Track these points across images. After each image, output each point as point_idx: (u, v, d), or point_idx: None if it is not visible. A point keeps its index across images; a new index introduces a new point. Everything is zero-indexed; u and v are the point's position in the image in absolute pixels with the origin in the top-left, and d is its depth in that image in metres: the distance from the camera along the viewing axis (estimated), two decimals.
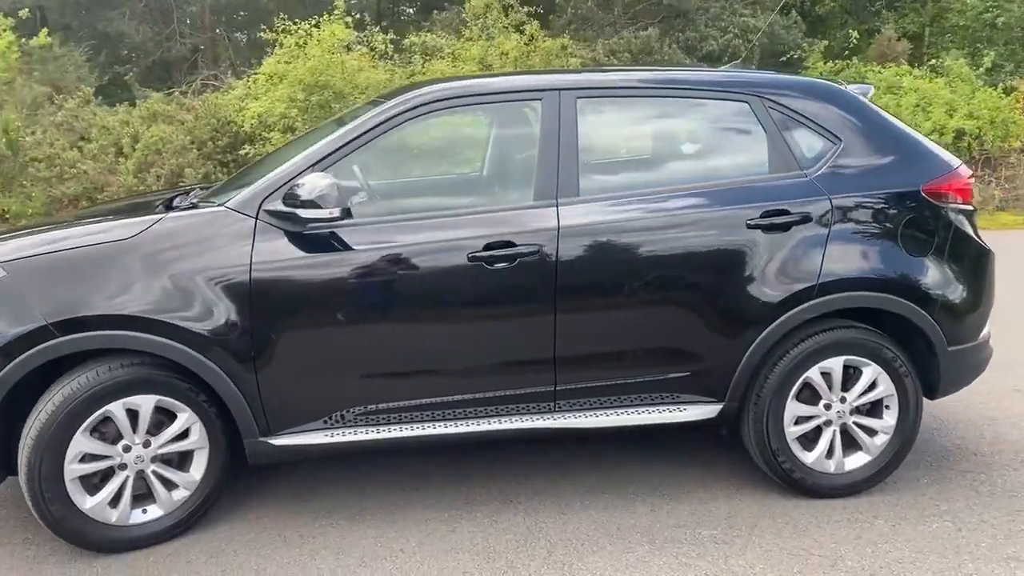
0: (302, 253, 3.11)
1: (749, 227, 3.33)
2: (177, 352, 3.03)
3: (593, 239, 3.26)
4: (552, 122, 3.31)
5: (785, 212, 3.37)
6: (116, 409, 3.06)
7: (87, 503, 3.07)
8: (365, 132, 3.23)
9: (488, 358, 3.29)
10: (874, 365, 3.46)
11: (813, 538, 3.23)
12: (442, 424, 3.29)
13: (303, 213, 3.03)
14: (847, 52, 16.10)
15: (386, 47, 12.81)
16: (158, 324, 3.01)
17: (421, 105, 3.28)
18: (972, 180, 3.68)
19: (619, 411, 3.39)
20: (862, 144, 3.51)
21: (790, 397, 3.43)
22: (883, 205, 3.46)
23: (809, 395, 3.48)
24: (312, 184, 3.02)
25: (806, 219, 3.37)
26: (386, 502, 3.53)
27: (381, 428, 3.26)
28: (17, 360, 2.96)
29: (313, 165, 3.17)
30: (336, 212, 3.02)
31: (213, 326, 3.05)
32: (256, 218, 3.12)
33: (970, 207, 3.64)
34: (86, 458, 3.06)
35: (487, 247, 3.17)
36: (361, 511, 3.46)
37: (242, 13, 27.24)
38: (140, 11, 23.32)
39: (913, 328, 3.48)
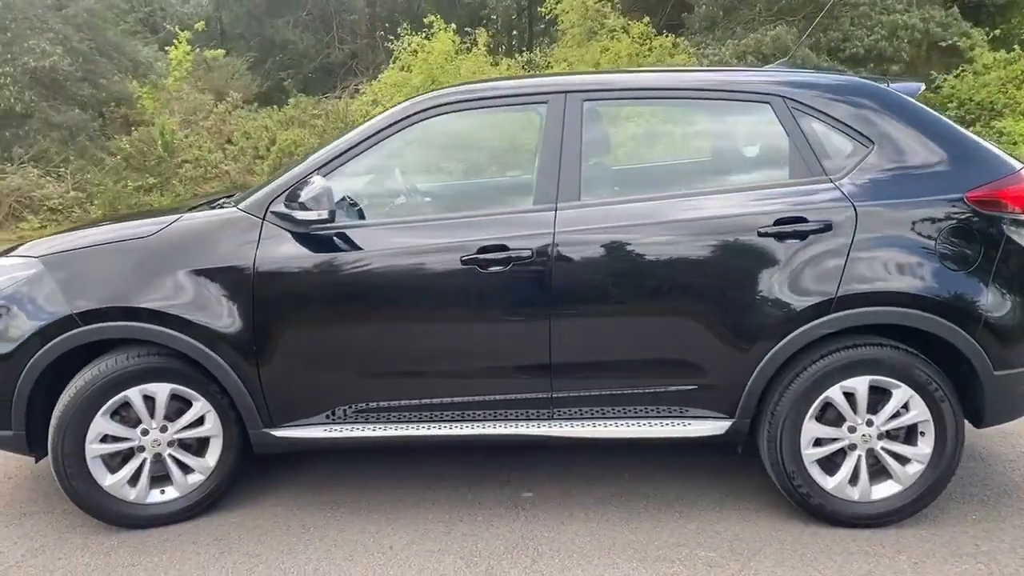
0: (302, 253, 3.22)
1: (761, 235, 3.14)
2: (185, 344, 3.21)
3: (591, 244, 3.18)
4: (556, 125, 3.25)
5: (802, 220, 3.15)
6: (133, 395, 3.28)
7: (107, 480, 3.31)
8: (371, 136, 3.30)
9: (483, 362, 3.28)
10: (904, 387, 3.17)
11: (818, 570, 3.01)
12: (438, 425, 3.31)
13: (297, 214, 3.14)
14: None
15: (493, 51, 12.99)
16: (168, 317, 3.20)
17: (428, 108, 3.31)
18: None
19: (619, 422, 3.29)
20: (899, 147, 3.23)
21: (808, 417, 3.21)
22: (918, 213, 3.16)
23: (833, 416, 3.25)
24: (309, 187, 3.12)
25: (826, 227, 3.14)
26: (395, 500, 3.59)
27: (378, 426, 3.32)
28: (49, 345, 3.23)
29: (318, 168, 3.27)
30: (324, 214, 3.10)
31: (219, 321, 3.21)
32: (263, 219, 3.25)
33: None
34: (107, 439, 3.30)
35: (481, 250, 3.16)
36: (368, 506, 3.54)
37: (400, 19, 28.35)
38: (304, 20, 24.70)
39: (952, 349, 3.18)
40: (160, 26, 24.92)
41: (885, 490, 3.28)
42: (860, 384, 3.19)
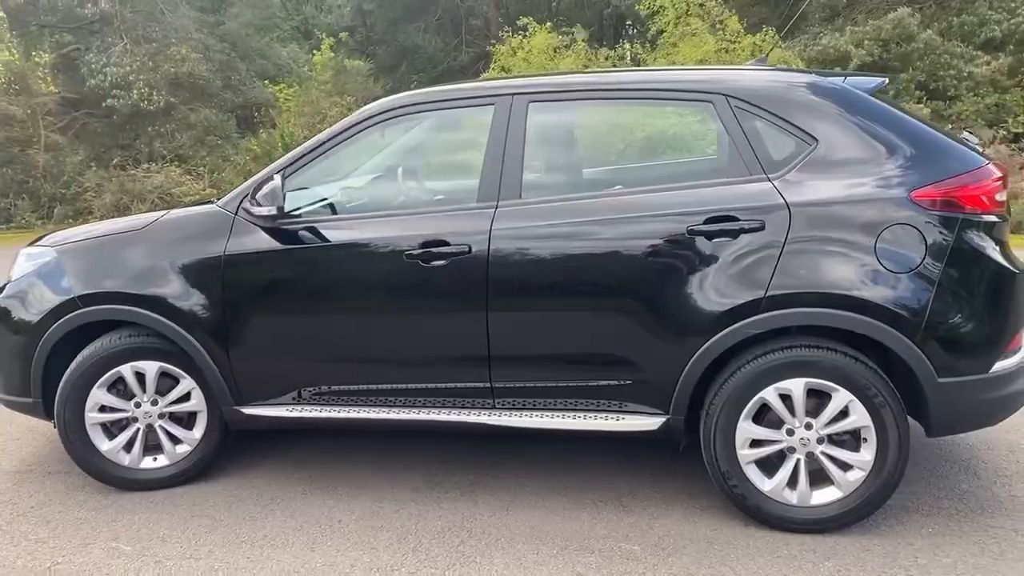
0: (264, 245, 3.48)
1: (691, 233, 3.15)
2: (165, 327, 3.56)
3: (526, 241, 3.28)
4: (501, 126, 3.37)
5: (732, 219, 3.13)
6: (126, 371, 3.67)
7: (104, 446, 3.72)
8: (330, 139, 3.53)
9: (428, 352, 3.44)
10: (843, 391, 3.09)
11: (733, 570, 2.99)
12: (388, 410, 3.50)
13: (253, 209, 3.42)
14: None
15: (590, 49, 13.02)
16: (150, 301, 3.56)
17: (381, 113, 3.52)
18: (999, 184, 3.12)
19: (557, 414, 3.37)
20: (844, 144, 3.14)
21: (742, 417, 3.18)
22: (857, 212, 3.07)
23: (774, 418, 3.20)
24: (265, 185, 3.39)
25: (759, 226, 3.11)
26: (364, 480, 3.81)
27: (334, 408, 3.55)
28: (57, 323, 3.66)
29: (282, 169, 3.53)
30: (274, 210, 3.36)
31: (194, 306, 3.54)
32: (235, 214, 3.55)
33: (993, 217, 3.10)
34: (104, 409, 3.70)
35: (423, 245, 3.33)
36: (336, 485, 3.78)
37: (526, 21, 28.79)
38: (434, 24, 25.57)
39: (892, 354, 3.07)
40: (312, 32, 26.47)
41: (825, 496, 3.21)
42: (796, 386, 3.13)
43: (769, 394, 3.16)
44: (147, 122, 16.37)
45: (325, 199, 3.70)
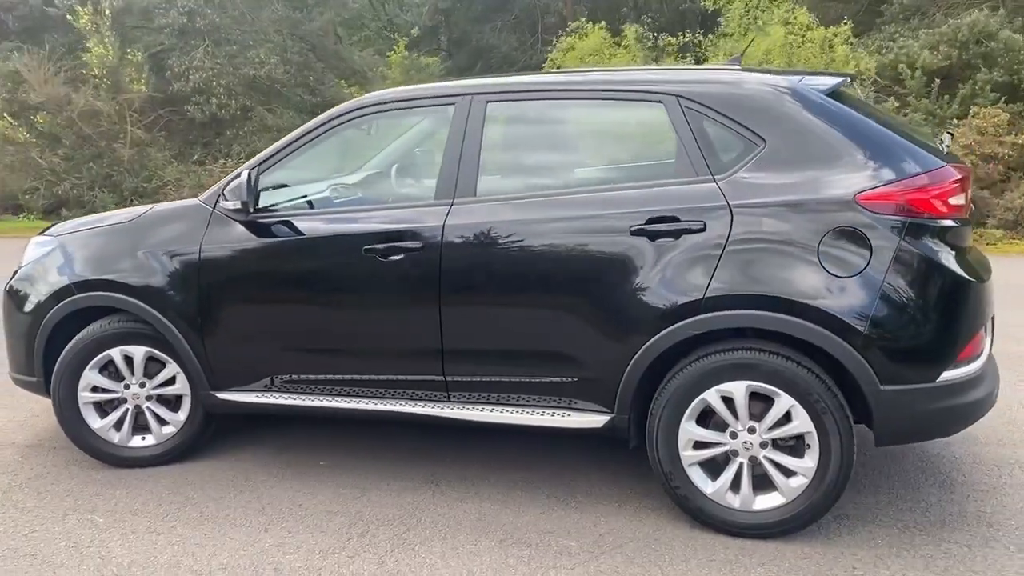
0: (236, 238, 3.65)
1: (633, 233, 3.15)
2: (147, 314, 3.76)
3: (476, 238, 3.34)
4: (460, 125, 3.44)
5: (674, 219, 3.12)
6: (115, 354, 3.89)
7: (96, 424, 3.96)
8: (301, 137, 3.67)
9: (386, 344, 3.54)
10: (786, 396, 3.05)
11: (663, 570, 2.99)
12: (349, 400, 3.62)
13: (222, 203, 3.59)
14: None
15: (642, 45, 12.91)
16: (136, 289, 3.76)
17: (351, 111, 3.63)
18: (956, 187, 3.01)
19: (508, 409, 3.42)
20: (792, 146, 3.09)
21: (685, 418, 3.17)
22: (802, 214, 3.02)
23: (719, 420, 3.18)
24: (235, 180, 3.55)
25: (700, 228, 3.09)
26: (338, 467, 3.93)
27: (300, 396, 3.69)
28: (55, 307, 3.91)
29: (257, 165, 3.68)
30: (238, 204, 3.52)
31: (173, 295, 3.73)
32: (213, 208, 3.73)
33: (945, 222, 3.00)
34: (97, 389, 3.94)
35: (381, 240, 3.43)
36: (310, 471, 3.90)
37: (601, 18, 28.67)
38: (511, 23, 25.71)
39: (833, 359, 3.01)
40: (392, 32, 27.01)
41: (768, 501, 3.17)
42: (737, 389, 3.10)
43: (711, 396, 3.14)
44: (226, 126, 17.03)
45: (302, 195, 3.83)
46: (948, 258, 2.98)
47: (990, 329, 3.25)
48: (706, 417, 3.20)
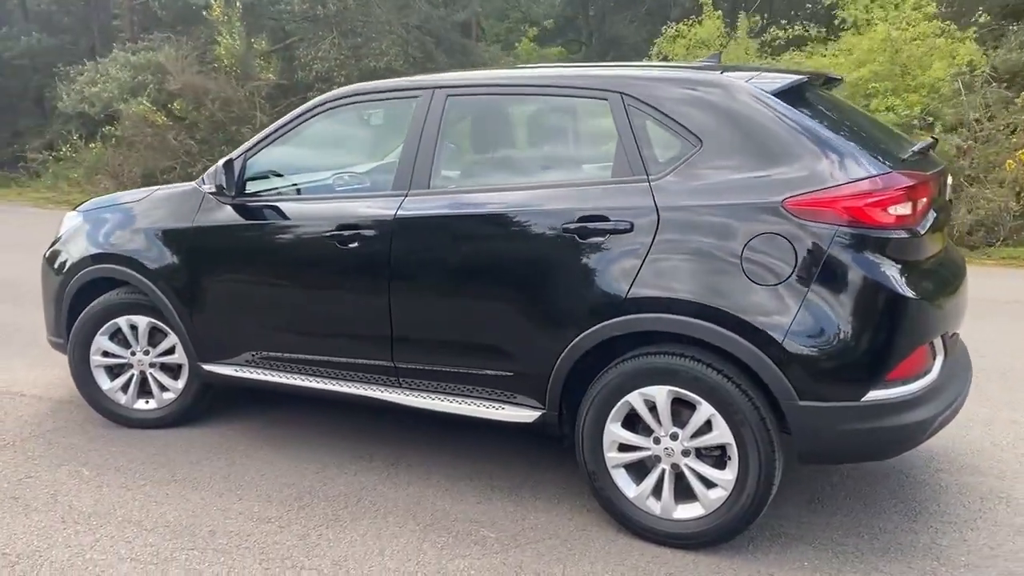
0: (219, 219, 3.88)
1: (565, 232, 3.14)
2: (146, 287, 4.06)
3: (423, 230, 3.42)
4: (420, 117, 3.52)
5: (603, 219, 3.08)
6: (122, 322, 4.23)
7: (105, 385, 4.31)
8: (284, 125, 3.85)
9: (344, 328, 3.68)
10: (706, 404, 2.97)
11: (559, 570, 2.99)
12: (312, 379, 3.79)
13: (202, 187, 3.83)
14: None
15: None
16: (138, 263, 4.07)
17: (326, 103, 3.78)
18: (899, 196, 2.82)
19: (449, 398, 3.49)
20: (728, 147, 2.99)
21: (610, 419, 3.14)
22: (728, 219, 2.92)
23: (644, 424, 3.14)
24: (212, 167, 3.78)
25: (627, 228, 3.04)
26: (316, 445, 4.08)
27: (273, 373, 3.89)
28: (76, 276, 4.28)
29: (246, 151, 3.90)
30: (212, 188, 3.75)
31: (169, 270, 4.01)
32: (205, 192, 3.98)
33: (883, 233, 2.82)
34: (107, 354, 4.29)
35: (340, 227, 3.57)
36: (288, 445, 4.08)
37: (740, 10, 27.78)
38: (642, 14, 25.38)
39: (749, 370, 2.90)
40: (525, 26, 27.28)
41: (689, 511, 3.09)
42: (660, 394, 3.04)
43: (634, 399, 3.09)
44: None
45: (294, 182, 4.02)
46: (882, 271, 2.80)
47: (945, 347, 3.03)
48: (636, 420, 3.15)
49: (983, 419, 4.41)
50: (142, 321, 4.22)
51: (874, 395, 2.81)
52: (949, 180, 3.36)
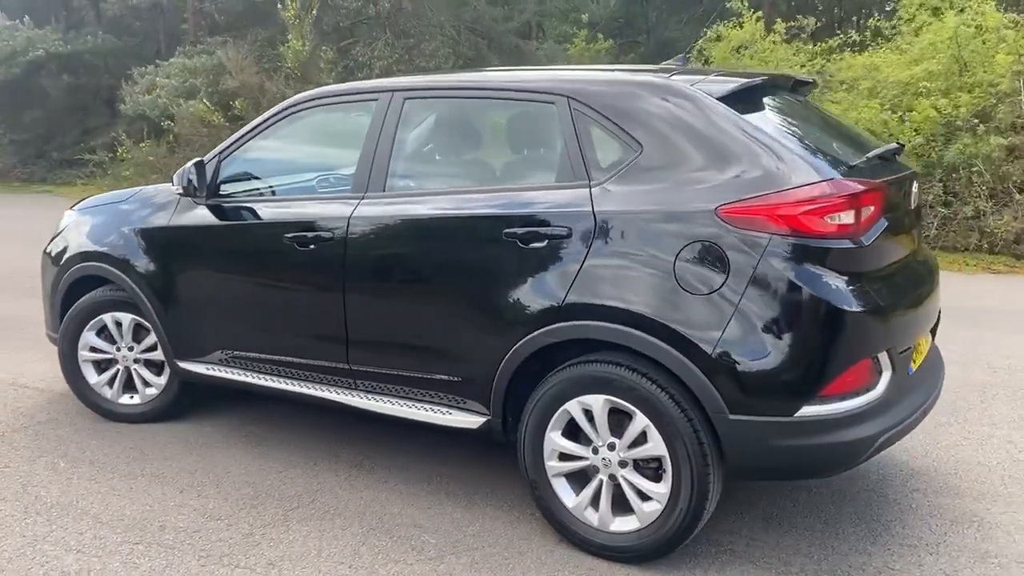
0: (190, 222, 3.96)
1: (506, 237, 3.10)
2: (125, 284, 4.16)
3: (375, 233, 3.42)
4: (378, 121, 3.52)
5: (544, 224, 3.04)
6: (107, 319, 4.34)
7: (93, 380, 4.44)
8: (254, 128, 3.90)
9: (301, 329, 3.71)
10: (641, 415, 2.90)
11: None
12: (276, 380, 3.82)
13: (172, 187, 3.90)
14: None
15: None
16: (118, 261, 4.17)
17: (292, 106, 3.82)
18: (841, 204, 2.70)
19: (400, 401, 3.48)
20: (667, 152, 2.91)
21: (550, 427, 3.09)
22: (662, 226, 2.84)
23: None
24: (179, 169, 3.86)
25: (566, 234, 2.99)
26: (290, 445, 4.11)
27: (239, 372, 3.94)
28: (67, 273, 4.42)
29: (220, 152, 3.97)
30: (180, 189, 3.81)
31: (147, 269, 4.10)
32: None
33: (823, 241, 2.71)
34: (94, 350, 4.41)
35: (298, 229, 3.60)
36: (261, 444, 4.13)
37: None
38: (697, 16, 25.01)
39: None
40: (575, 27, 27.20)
41: (625, 524, 3.02)
42: (596, 403, 2.98)
43: (573, 407, 3.04)
44: None
45: (255, 182, 4.07)
46: (818, 283, 2.69)
47: (893, 362, 2.88)
48: (577, 429, 3.09)
49: (979, 437, 4.21)
50: (126, 318, 4.33)
51: (808, 411, 2.70)
52: (915, 187, 3.21)
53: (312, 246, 3.56)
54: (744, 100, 3.02)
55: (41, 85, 20.89)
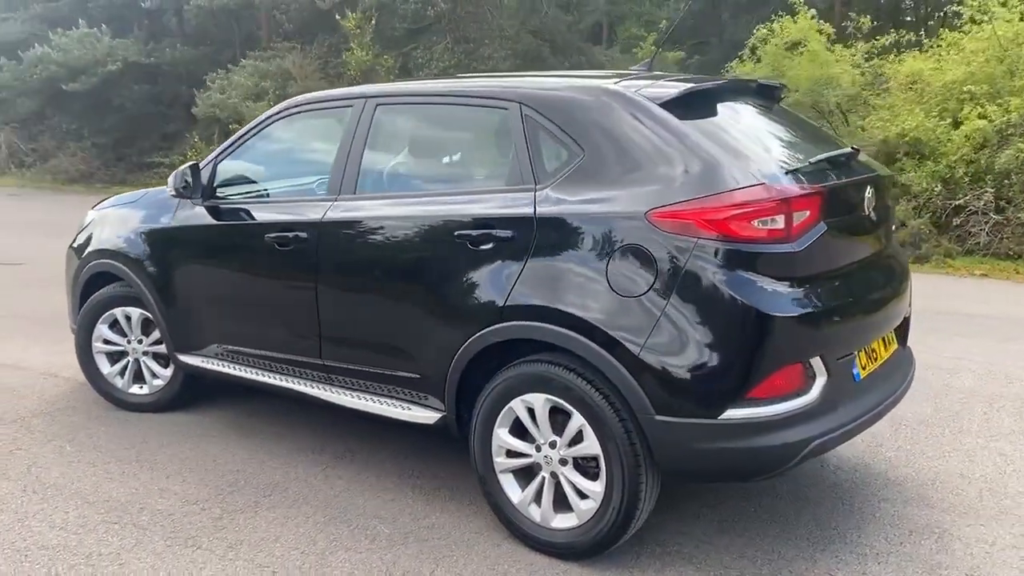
0: (188, 222, 4.18)
1: (458, 238, 3.20)
2: (132, 280, 4.42)
3: (343, 234, 3.56)
4: (352, 126, 3.67)
5: (491, 226, 3.12)
6: (118, 313, 4.61)
7: (106, 370, 4.71)
8: (247, 132, 4.10)
9: (281, 326, 3.87)
10: (577, 414, 2.96)
11: (429, 569, 3.05)
12: (263, 374, 4.00)
13: (167, 189, 4.13)
14: None
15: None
16: (127, 258, 4.43)
17: (278, 112, 4.00)
18: (770, 208, 2.71)
19: (368, 397, 3.61)
20: (608, 157, 2.96)
21: (497, 424, 3.18)
22: (597, 229, 2.90)
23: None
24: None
25: (511, 237, 3.07)
26: (277, 437, 4.31)
27: (231, 366, 4.14)
28: (85, 269, 4.71)
29: (216, 156, 4.18)
30: (173, 192, 4.03)
31: (151, 266, 4.34)
32: None
33: (751, 247, 2.72)
34: (107, 342, 4.69)
35: (279, 230, 3.77)
36: (249, 436, 4.31)
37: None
38: (769, 17, 24.59)
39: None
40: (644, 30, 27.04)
41: (565, 521, 3.09)
42: (538, 401, 3.06)
43: (517, 406, 3.11)
44: None
45: (248, 184, 4.26)
46: (743, 287, 2.70)
47: (828, 368, 2.86)
48: (523, 427, 3.17)
49: (970, 448, 4.11)
50: (135, 312, 4.59)
51: (733, 414, 2.72)
52: (870, 191, 3.16)
53: (291, 246, 3.72)
54: (691, 105, 3.04)
55: (121, 93, 21.92)
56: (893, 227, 3.57)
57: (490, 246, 3.12)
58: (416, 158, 3.72)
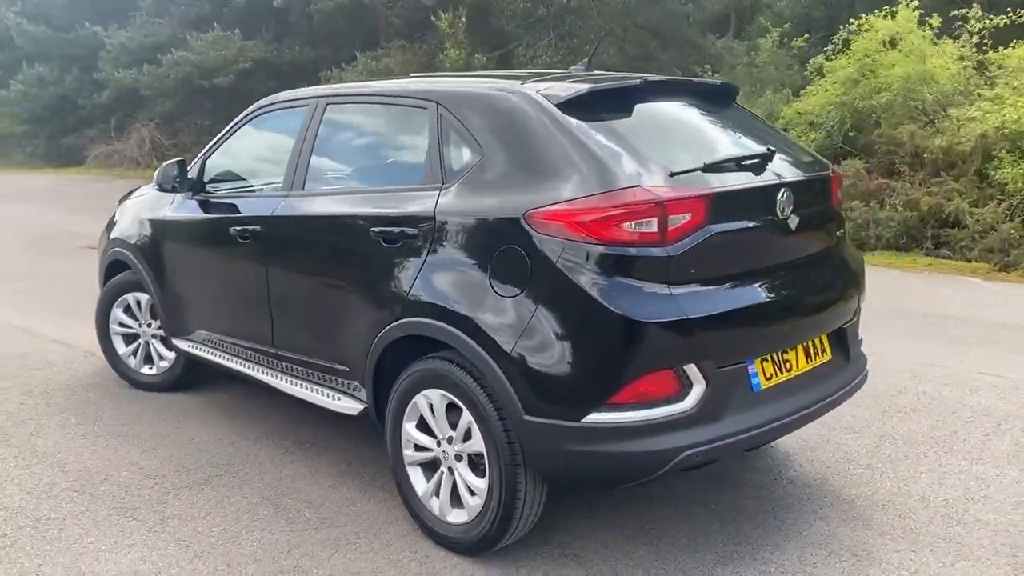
0: (177, 214, 4.46)
1: (373, 235, 3.29)
2: (137, 268, 4.75)
3: (287, 228, 3.73)
4: (305, 124, 3.82)
5: (399, 224, 3.20)
6: (130, 298, 4.97)
7: (121, 350, 5.09)
8: (229, 130, 4.34)
9: (243, 314, 4.08)
10: (467, 411, 3.00)
11: (326, 555, 3.16)
12: (236, 361, 4.23)
13: (156, 182, 4.41)
14: None
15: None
16: (135, 247, 4.77)
17: (255, 110, 4.21)
18: (640, 212, 2.65)
19: (310, 385, 3.76)
20: (500, 158, 2.98)
21: (405, 418, 3.25)
22: (483, 229, 2.93)
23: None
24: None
25: (415, 235, 3.13)
26: (259, 421, 4.55)
27: (211, 351, 4.39)
28: (106, 255, 5.11)
29: (204, 152, 4.44)
30: (155, 186, 4.31)
31: (152, 254, 4.66)
32: None
33: (621, 250, 2.67)
34: (122, 324, 5.06)
35: (240, 223, 3.98)
36: (234, 418, 4.58)
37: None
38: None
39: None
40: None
41: (459, 515, 3.13)
42: (435, 397, 3.11)
43: (420, 401, 3.18)
44: None
45: (230, 180, 4.49)
46: (609, 291, 2.66)
47: (707, 376, 2.76)
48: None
49: (946, 471, 3.85)
50: (143, 298, 4.93)
51: (596, 417, 2.68)
52: (784, 194, 3.02)
53: (249, 239, 3.92)
54: (593, 106, 3.01)
55: (251, 90, 23.17)
56: (838, 231, 3.40)
57: (398, 244, 3.20)
58: (351, 156, 3.84)
